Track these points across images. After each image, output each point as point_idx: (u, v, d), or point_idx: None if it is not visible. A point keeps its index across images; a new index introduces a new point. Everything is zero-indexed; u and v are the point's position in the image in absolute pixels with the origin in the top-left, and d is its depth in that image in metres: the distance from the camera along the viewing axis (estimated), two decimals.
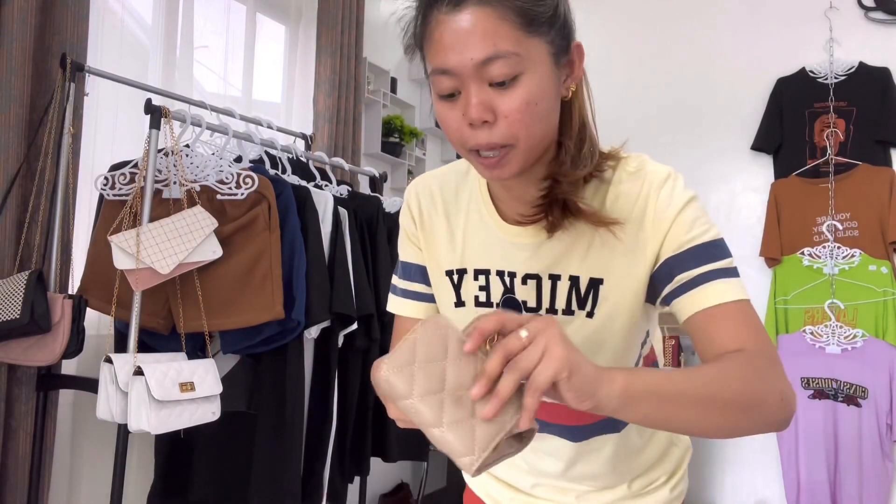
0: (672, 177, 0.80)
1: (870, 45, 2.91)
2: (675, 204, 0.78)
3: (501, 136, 0.72)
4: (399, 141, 3.20)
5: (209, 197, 1.85)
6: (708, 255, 0.77)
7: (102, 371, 1.62)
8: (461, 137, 0.74)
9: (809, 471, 2.66)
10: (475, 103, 0.71)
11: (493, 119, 0.71)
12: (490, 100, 0.71)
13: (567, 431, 0.91)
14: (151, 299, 1.77)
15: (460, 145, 0.75)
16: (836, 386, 2.66)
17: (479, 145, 0.73)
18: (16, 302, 1.58)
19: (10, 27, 1.71)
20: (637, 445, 0.96)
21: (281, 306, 1.80)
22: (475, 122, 0.71)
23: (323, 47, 2.71)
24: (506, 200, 0.86)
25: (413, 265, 0.97)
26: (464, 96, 0.72)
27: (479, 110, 0.70)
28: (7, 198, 1.72)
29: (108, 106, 2.07)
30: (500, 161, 0.73)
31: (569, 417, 0.89)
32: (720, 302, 0.75)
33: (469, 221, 0.90)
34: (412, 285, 0.97)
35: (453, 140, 0.76)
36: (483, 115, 0.71)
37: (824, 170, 2.88)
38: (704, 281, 0.76)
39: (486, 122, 0.71)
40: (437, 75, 0.73)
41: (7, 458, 1.72)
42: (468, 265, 0.89)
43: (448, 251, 0.91)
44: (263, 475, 1.88)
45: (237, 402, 1.83)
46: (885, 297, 2.67)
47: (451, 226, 0.91)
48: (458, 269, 0.90)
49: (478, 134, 0.72)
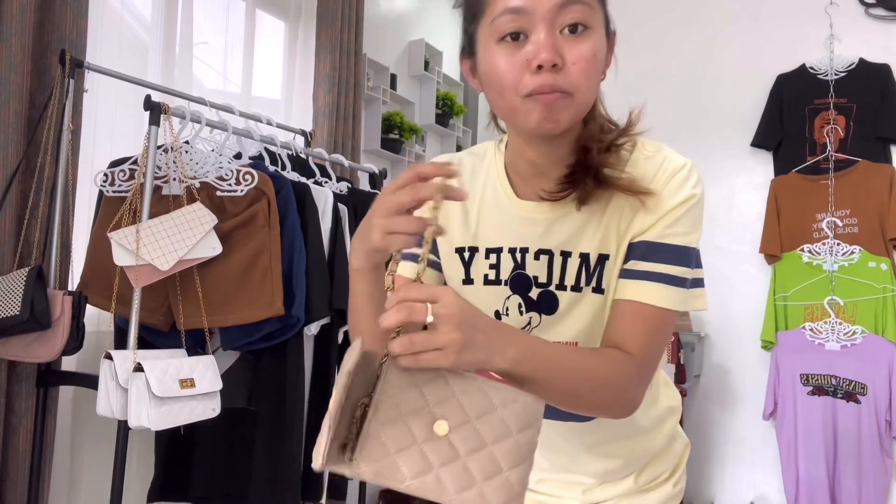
0: (688, 168, 0.82)
1: (870, 41, 2.91)
2: (679, 197, 0.80)
3: (567, 81, 0.73)
4: (399, 137, 3.19)
5: (209, 193, 1.85)
6: (670, 257, 0.80)
7: (102, 367, 1.62)
8: (519, 82, 0.73)
9: (808, 467, 2.67)
10: (550, 45, 0.71)
11: (562, 64, 0.72)
12: (559, 45, 0.72)
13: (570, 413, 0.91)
14: (151, 296, 1.77)
15: (515, 91, 0.74)
16: (836, 382, 2.66)
17: (542, 87, 0.72)
18: (16, 298, 1.58)
19: (9, 23, 1.70)
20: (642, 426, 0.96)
21: (281, 303, 1.80)
22: (546, 63, 0.71)
23: (322, 44, 2.71)
24: (528, 178, 0.86)
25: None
26: (533, 39, 0.72)
27: (553, 52, 0.71)
28: (7, 194, 1.72)
29: (108, 102, 2.07)
30: (557, 102, 0.73)
31: None
32: (645, 302, 0.79)
33: (484, 201, 0.90)
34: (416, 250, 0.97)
35: (506, 85, 0.75)
36: (555, 57, 0.71)
37: (824, 166, 2.88)
38: (649, 278, 0.79)
39: (555, 65, 0.72)
40: (504, 15, 0.73)
41: (7, 455, 1.72)
42: (480, 244, 0.90)
43: (461, 230, 0.91)
44: (263, 471, 1.89)
45: (237, 399, 1.83)
46: (885, 293, 2.67)
47: (465, 205, 0.91)
48: (469, 247, 0.90)
49: (542, 77, 0.72)
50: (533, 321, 0.87)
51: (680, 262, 0.80)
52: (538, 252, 0.85)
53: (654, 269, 0.79)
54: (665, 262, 0.79)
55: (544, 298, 0.86)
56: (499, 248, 0.88)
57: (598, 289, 0.84)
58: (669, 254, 0.79)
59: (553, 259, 0.85)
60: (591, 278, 0.84)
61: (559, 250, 0.85)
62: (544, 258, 0.85)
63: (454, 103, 3.56)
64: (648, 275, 0.80)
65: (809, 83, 2.96)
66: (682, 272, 0.80)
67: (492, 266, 0.89)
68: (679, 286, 0.79)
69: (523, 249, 0.86)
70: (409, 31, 3.45)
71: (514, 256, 0.87)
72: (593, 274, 0.84)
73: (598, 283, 0.84)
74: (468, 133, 3.77)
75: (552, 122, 0.75)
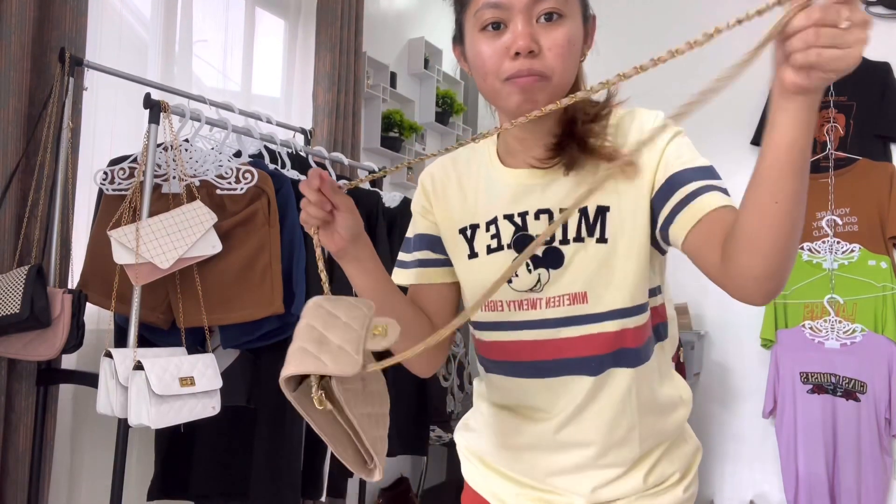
0: (660, 115, 0.89)
1: (870, 39, 2.90)
2: (665, 136, 0.86)
3: (543, 65, 0.81)
4: (398, 136, 3.19)
5: (209, 192, 1.85)
6: (701, 174, 0.83)
7: (102, 366, 1.63)
8: (499, 67, 0.82)
9: (808, 465, 2.67)
10: (527, 33, 0.80)
11: (538, 50, 0.80)
12: (536, 33, 0.80)
13: (584, 364, 0.91)
14: (151, 294, 1.77)
15: (496, 76, 0.82)
16: (835, 381, 2.66)
17: (519, 72, 0.80)
18: (15, 296, 1.58)
19: (8, 21, 1.70)
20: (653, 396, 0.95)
21: (281, 301, 1.80)
22: (522, 51, 0.79)
23: (322, 42, 2.71)
24: (517, 153, 0.93)
25: (425, 235, 1.03)
26: (511, 28, 0.81)
27: (529, 39, 0.79)
28: (6, 192, 1.72)
29: (107, 100, 2.07)
30: (534, 85, 0.81)
31: (586, 348, 0.90)
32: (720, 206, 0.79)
33: (479, 180, 0.97)
34: (421, 254, 1.03)
35: (488, 70, 0.83)
36: (531, 44, 0.79)
37: (824, 165, 2.87)
38: (701, 193, 0.81)
39: (531, 51, 0.80)
40: (485, 8, 0.81)
41: (7, 453, 1.72)
42: (479, 219, 0.96)
43: (462, 211, 0.98)
44: (263, 469, 1.89)
45: (237, 397, 1.83)
46: (885, 292, 2.67)
47: (463, 190, 0.99)
48: (470, 224, 0.96)
49: (519, 62, 0.80)
50: (542, 277, 0.90)
51: (713, 176, 0.83)
52: (538, 212, 0.91)
53: (698, 185, 0.82)
54: (702, 178, 0.82)
55: (549, 254, 0.90)
56: (494, 218, 0.94)
57: (602, 239, 0.88)
58: (698, 173, 0.83)
59: (553, 217, 0.90)
60: (594, 230, 0.88)
61: (557, 208, 0.90)
62: (544, 217, 0.90)
63: (454, 101, 3.56)
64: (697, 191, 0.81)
65: None
66: (720, 183, 0.83)
67: (493, 236, 0.94)
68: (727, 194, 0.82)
69: (522, 213, 0.91)
70: (409, 29, 3.45)
71: (514, 221, 0.92)
72: (594, 225, 0.88)
73: (602, 233, 0.88)
74: (468, 131, 3.76)
75: (530, 104, 0.81)
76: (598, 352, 0.90)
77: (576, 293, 0.89)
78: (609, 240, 0.87)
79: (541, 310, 0.90)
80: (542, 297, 0.90)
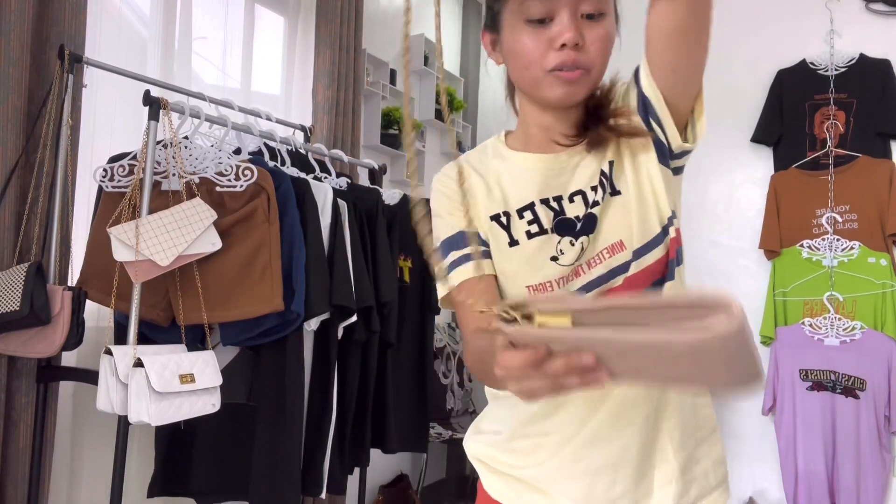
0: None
1: (870, 36, 2.90)
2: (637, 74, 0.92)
3: (587, 58, 0.86)
4: (398, 133, 3.19)
5: (208, 189, 1.85)
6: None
7: (102, 363, 1.63)
8: (543, 59, 0.87)
9: (807, 462, 2.67)
10: (574, 27, 0.85)
11: (582, 44, 0.86)
12: (580, 28, 0.86)
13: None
14: (151, 291, 1.77)
15: (540, 66, 0.87)
16: (835, 378, 2.66)
17: (564, 63, 0.86)
18: (15, 294, 1.58)
19: (7, 18, 1.70)
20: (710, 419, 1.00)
21: (280, 298, 1.80)
22: (569, 43, 0.85)
23: (322, 39, 2.70)
24: (539, 141, 0.97)
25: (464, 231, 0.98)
26: (557, 22, 0.85)
27: (576, 33, 0.85)
28: (6, 190, 1.72)
29: (107, 97, 2.07)
30: (578, 79, 0.87)
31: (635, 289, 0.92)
32: None
33: (500, 173, 0.99)
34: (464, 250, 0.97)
35: (532, 60, 0.88)
36: (577, 38, 0.85)
37: (824, 162, 2.87)
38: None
39: (576, 44, 0.85)
40: (532, 0, 0.86)
41: (7, 450, 1.72)
42: (510, 208, 0.97)
43: (488, 200, 0.98)
44: (263, 466, 1.89)
45: (237, 394, 1.84)
46: (884, 289, 2.67)
47: (485, 179, 1.00)
48: (502, 211, 0.97)
49: (565, 54, 0.85)
50: (584, 244, 0.93)
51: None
52: (571, 195, 0.94)
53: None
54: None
55: (586, 223, 0.94)
56: (530, 204, 0.95)
57: (615, 191, 0.92)
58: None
59: (586, 196, 0.94)
60: (607, 186, 0.93)
61: (588, 186, 0.94)
62: (578, 198, 0.94)
63: (454, 98, 3.56)
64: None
65: (810, 78, 2.96)
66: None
67: (530, 221, 0.95)
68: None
69: (557, 197, 0.95)
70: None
71: (550, 205, 0.95)
72: (609, 181, 0.93)
73: (613, 187, 0.92)
74: (468, 128, 3.76)
75: (571, 96, 0.89)
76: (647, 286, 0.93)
77: (612, 244, 0.92)
78: (622, 191, 0.92)
79: (585, 274, 0.93)
80: (583, 263, 0.93)
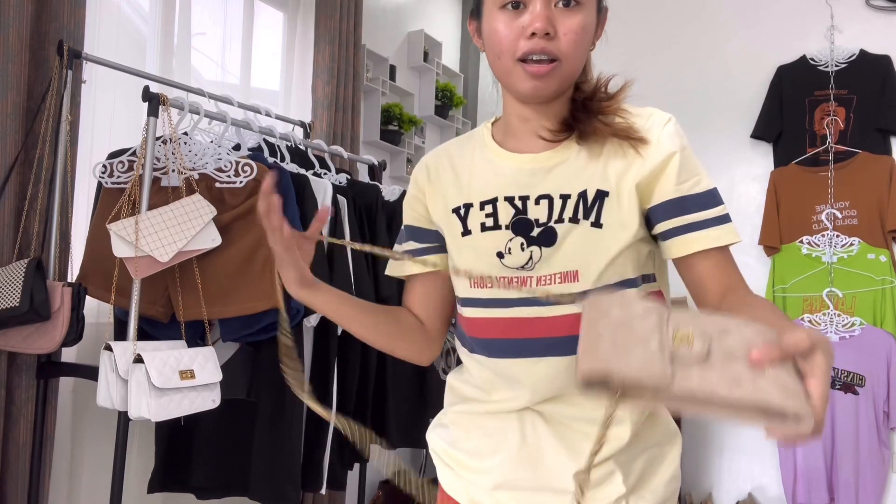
0: (674, 120, 0.91)
1: (871, 32, 2.90)
2: (675, 144, 0.88)
3: (557, 48, 0.84)
4: (398, 129, 3.19)
5: (208, 185, 1.85)
6: (700, 203, 0.88)
7: (102, 359, 1.63)
8: (514, 46, 0.85)
9: (806, 458, 2.68)
10: (544, 15, 0.83)
11: (553, 33, 0.84)
12: (553, 17, 0.84)
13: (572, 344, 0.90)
14: (151, 287, 1.77)
15: (510, 54, 0.86)
16: (834, 374, 2.67)
17: (533, 51, 0.84)
18: (15, 290, 1.58)
19: (6, 13, 1.69)
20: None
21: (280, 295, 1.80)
22: (539, 32, 0.83)
23: (321, 35, 2.70)
24: (522, 136, 0.95)
25: (409, 226, 1.07)
26: (530, 9, 0.84)
27: (546, 22, 0.83)
28: (5, 186, 1.72)
29: (106, 93, 2.06)
30: (548, 71, 0.85)
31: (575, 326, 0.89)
32: (709, 247, 0.87)
33: (474, 164, 0.99)
34: (407, 245, 1.07)
35: (503, 48, 0.86)
36: (547, 26, 0.83)
37: (824, 158, 2.87)
38: (696, 228, 0.87)
39: (546, 33, 0.83)
40: None
41: (8, 446, 1.73)
42: (473, 199, 0.97)
43: (454, 192, 0.99)
44: (263, 462, 1.89)
45: (237, 390, 1.84)
46: (884, 285, 2.68)
47: (456, 172, 1.01)
48: (464, 204, 0.98)
49: (534, 42, 0.84)
50: (534, 255, 0.91)
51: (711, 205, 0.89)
52: (539, 197, 0.92)
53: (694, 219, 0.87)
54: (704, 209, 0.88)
55: (544, 234, 0.92)
56: (493, 199, 0.95)
57: (598, 223, 0.89)
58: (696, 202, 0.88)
59: (553, 202, 0.91)
60: (590, 213, 0.89)
61: (558, 193, 0.91)
62: (544, 202, 0.92)
63: (453, 94, 3.55)
64: (693, 226, 0.87)
65: (810, 74, 2.95)
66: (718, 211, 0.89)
67: (488, 215, 0.95)
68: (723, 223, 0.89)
69: (523, 197, 0.93)
70: (409, 21, 3.43)
71: (514, 203, 0.93)
72: (591, 209, 0.90)
73: (598, 218, 0.89)
74: (467, 124, 3.75)
75: (540, 90, 0.87)
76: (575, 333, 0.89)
77: (567, 271, 0.90)
78: (604, 226, 0.89)
79: (531, 286, 0.91)
80: (532, 276, 0.91)
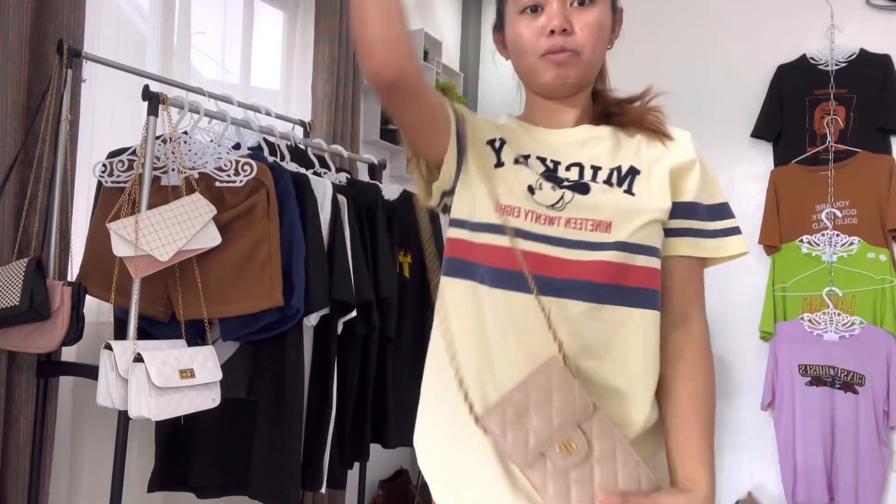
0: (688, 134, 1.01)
1: (871, 31, 2.89)
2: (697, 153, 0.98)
3: (574, 42, 0.93)
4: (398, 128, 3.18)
5: (208, 184, 1.85)
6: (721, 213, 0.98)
7: (102, 358, 1.63)
8: (536, 45, 0.94)
9: (806, 457, 2.68)
10: (561, 14, 0.92)
11: (570, 29, 0.92)
12: (569, 15, 0.93)
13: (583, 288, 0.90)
14: (151, 286, 1.77)
15: (533, 52, 0.94)
16: (834, 373, 2.67)
17: (553, 47, 0.93)
18: (15, 289, 1.58)
19: (5, 12, 1.69)
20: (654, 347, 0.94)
21: (280, 294, 1.80)
22: (557, 28, 0.92)
23: (321, 33, 2.69)
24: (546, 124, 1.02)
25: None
26: (547, 10, 0.93)
27: (563, 19, 0.92)
28: (5, 185, 1.72)
29: (106, 92, 2.06)
30: (567, 58, 0.93)
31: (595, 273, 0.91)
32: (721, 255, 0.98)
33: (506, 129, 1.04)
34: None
35: (527, 48, 0.95)
36: (564, 23, 0.92)
37: (824, 157, 2.87)
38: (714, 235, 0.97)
39: (564, 30, 0.92)
40: None
41: (8, 445, 1.73)
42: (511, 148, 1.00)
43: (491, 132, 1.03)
44: (263, 461, 1.89)
45: (237, 389, 1.84)
46: (884, 284, 2.68)
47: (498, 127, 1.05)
48: (500, 138, 1.01)
49: (554, 40, 0.92)
50: (566, 197, 0.94)
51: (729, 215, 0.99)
52: (570, 165, 0.97)
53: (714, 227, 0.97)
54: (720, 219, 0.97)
55: (577, 185, 0.96)
56: (527, 155, 0.99)
57: (630, 192, 0.94)
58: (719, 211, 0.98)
59: (584, 170, 0.96)
60: (623, 182, 0.95)
61: (590, 164, 0.96)
62: (575, 169, 0.97)
63: (454, 93, 3.55)
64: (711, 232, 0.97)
65: (810, 73, 2.95)
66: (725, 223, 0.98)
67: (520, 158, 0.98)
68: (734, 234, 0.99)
69: (555, 161, 0.97)
70: (409, 20, 3.43)
71: (546, 163, 0.97)
72: (624, 180, 0.95)
73: (630, 187, 0.94)
74: None
75: (562, 78, 0.94)
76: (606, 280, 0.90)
77: (601, 221, 0.92)
78: (636, 195, 0.94)
79: (559, 227, 0.92)
80: (561, 217, 0.92)
